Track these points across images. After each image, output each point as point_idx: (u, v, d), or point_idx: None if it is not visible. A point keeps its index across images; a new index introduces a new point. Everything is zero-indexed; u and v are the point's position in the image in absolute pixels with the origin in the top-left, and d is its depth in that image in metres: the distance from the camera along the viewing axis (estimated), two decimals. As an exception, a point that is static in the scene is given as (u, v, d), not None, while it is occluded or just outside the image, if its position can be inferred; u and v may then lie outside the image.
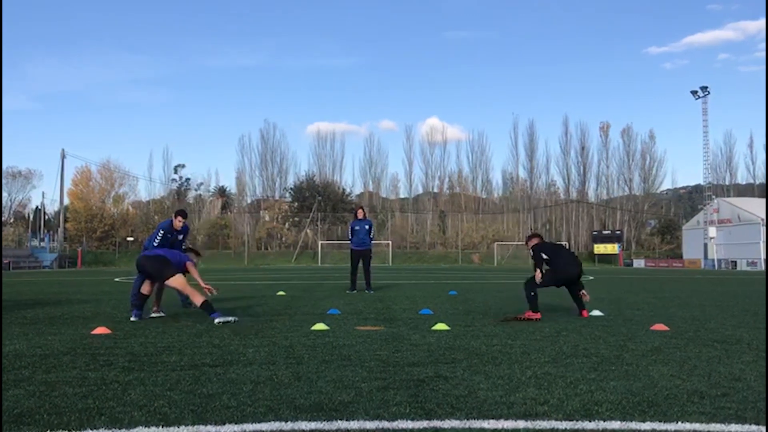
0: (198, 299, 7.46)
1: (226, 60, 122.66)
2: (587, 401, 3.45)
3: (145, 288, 8.03)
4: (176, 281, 7.73)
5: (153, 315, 8.15)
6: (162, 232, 9.07)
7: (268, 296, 12.23)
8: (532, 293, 7.97)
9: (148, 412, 3.20)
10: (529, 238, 9.10)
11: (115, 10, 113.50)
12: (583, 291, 8.38)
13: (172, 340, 5.79)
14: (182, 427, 2.92)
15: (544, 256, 8.42)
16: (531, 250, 8.68)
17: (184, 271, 7.90)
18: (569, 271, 8.38)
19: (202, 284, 7.80)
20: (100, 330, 6.40)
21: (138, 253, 8.84)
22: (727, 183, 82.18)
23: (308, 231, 73.46)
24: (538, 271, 8.27)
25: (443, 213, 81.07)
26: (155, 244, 9.02)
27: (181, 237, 9.36)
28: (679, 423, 3.03)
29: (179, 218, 9.14)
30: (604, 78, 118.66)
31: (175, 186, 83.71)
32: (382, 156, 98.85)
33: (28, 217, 75.04)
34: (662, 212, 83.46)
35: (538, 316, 7.79)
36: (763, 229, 53.29)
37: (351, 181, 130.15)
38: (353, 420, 3.05)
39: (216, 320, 7.23)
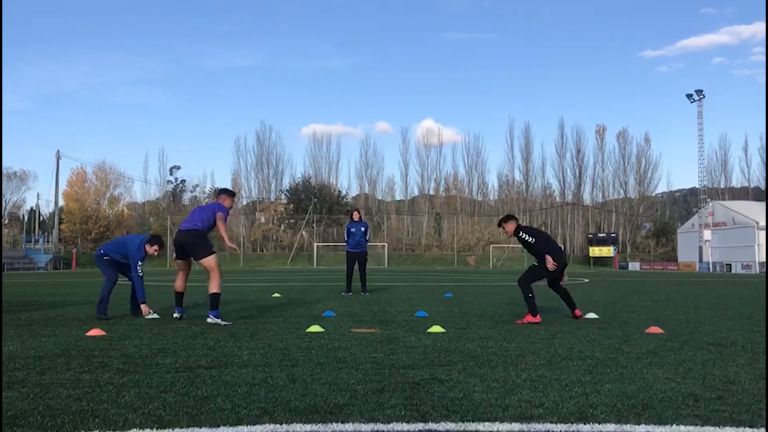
0: (215, 287, 7.30)
1: (222, 61, 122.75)
2: (582, 404, 3.45)
3: (179, 284, 7.75)
4: (209, 262, 7.41)
5: (147, 316, 8.09)
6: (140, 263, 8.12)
7: (264, 298, 12.21)
8: (530, 294, 7.42)
9: (142, 414, 3.19)
10: (506, 220, 7.90)
11: (110, 11, 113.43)
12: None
13: (167, 342, 5.77)
14: (177, 430, 2.91)
15: (530, 240, 7.55)
16: (523, 234, 7.62)
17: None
18: (563, 259, 7.68)
19: (227, 243, 7.45)
20: (95, 332, 6.38)
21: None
22: (722, 186, 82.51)
23: (304, 233, 73.40)
24: (549, 258, 7.42)
25: (439, 215, 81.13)
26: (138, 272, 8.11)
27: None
28: (674, 426, 3.04)
29: (155, 247, 8.27)
30: (599, 81, 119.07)
31: (170, 187, 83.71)
32: (378, 158, 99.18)
33: (23, 218, 74.84)
34: (657, 215, 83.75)
35: (538, 319, 7.33)
36: (757, 233, 53.47)
37: (347, 183, 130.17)
38: (348, 422, 3.05)
39: (210, 319, 7.21)
